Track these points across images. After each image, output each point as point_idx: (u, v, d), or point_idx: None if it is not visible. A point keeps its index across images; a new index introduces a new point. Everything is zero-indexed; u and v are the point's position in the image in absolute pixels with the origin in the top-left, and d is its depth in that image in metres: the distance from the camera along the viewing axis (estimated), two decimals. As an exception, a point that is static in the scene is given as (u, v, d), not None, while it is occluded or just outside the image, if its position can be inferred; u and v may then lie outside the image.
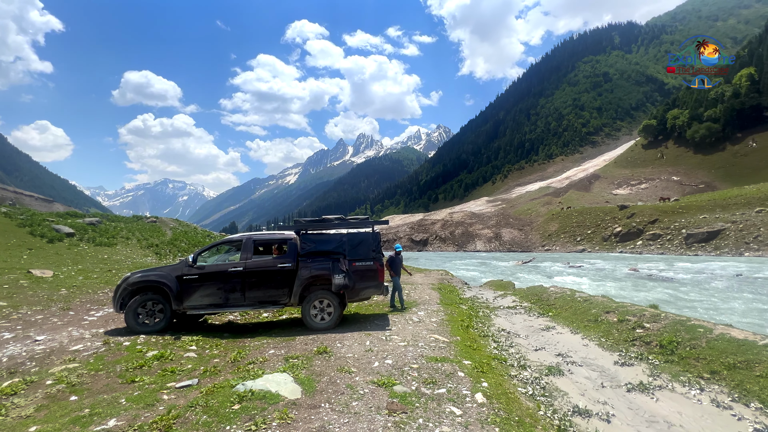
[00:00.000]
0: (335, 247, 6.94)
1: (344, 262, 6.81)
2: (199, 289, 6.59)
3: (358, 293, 6.95)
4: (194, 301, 6.59)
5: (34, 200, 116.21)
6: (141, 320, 6.45)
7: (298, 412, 3.49)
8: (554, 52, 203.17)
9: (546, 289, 12.17)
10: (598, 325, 7.73)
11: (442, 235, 69.22)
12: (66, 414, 3.50)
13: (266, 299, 6.72)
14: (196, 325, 7.53)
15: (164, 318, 6.55)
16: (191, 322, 7.50)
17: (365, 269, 6.92)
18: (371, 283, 6.94)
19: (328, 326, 6.72)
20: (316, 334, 6.35)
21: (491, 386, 4.35)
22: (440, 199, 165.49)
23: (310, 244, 6.94)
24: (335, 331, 6.64)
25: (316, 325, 6.72)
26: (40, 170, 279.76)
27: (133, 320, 6.39)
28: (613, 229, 46.68)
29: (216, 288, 6.61)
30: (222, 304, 6.65)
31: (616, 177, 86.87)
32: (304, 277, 6.71)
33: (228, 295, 6.62)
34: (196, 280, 6.60)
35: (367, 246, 7.04)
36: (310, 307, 6.74)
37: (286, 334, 6.48)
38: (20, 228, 20.78)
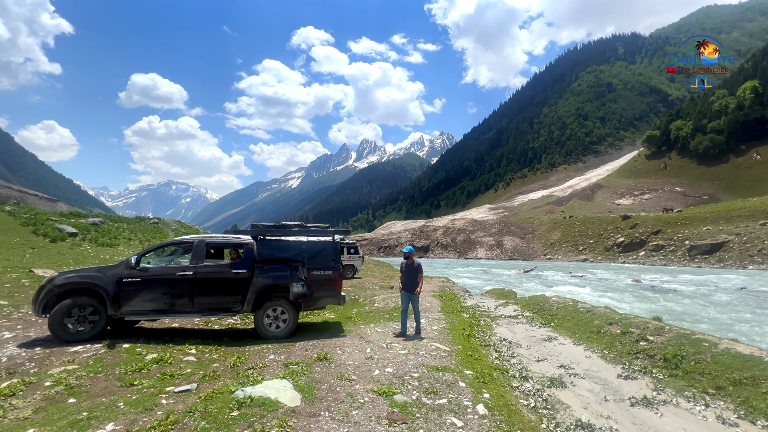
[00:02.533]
0: (294, 255, 6.72)
1: (303, 270, 6.61)
2: (141, 294, 6.08)
3: (316, 302, 6.76)
4: (135, 306, 6.07)
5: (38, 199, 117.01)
6: (68, 327, 5.74)
7: (297, 420, 3.45)
8: (558, 62, 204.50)
9: (548, 299, 12.08)
10: (600, 337, 7.66)
11: (443, 241, 69.07)
12: (64, 417, 3.48)
13: (217, 306, 6.37)
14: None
15: (97, 325, 5.91)
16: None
17: (324, 278, 6.74)
18: (329, 292, 6.79)
19: (282, 335, 6.47)
20: (316, 340, 6.30)
21: (493, 397, 4.29)
22: (442, 205, 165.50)
23: (267, 251, 6.68)
24: (335, 337, 6.58)
25: (269, 334, 6.45)
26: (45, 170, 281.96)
27: (58, 327, 5.67)
28: (615, 239, 46.48)
29: (161, 293, 6.15)
30: (166, 310, 6.20)
31: (619, 187, 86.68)
32: (259, 285, 6.42)
33: (174, 300, 6.19)
34: (139, 284, 6.08)
35: (326, 255, 6.86)
36: (264, 315, 6.48)
37: (286, 340, 6.44)
38: (24, 227, 20.88)
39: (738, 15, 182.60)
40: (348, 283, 15.90)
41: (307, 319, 9.20)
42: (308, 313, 10.12)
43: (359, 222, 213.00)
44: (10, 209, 24.48)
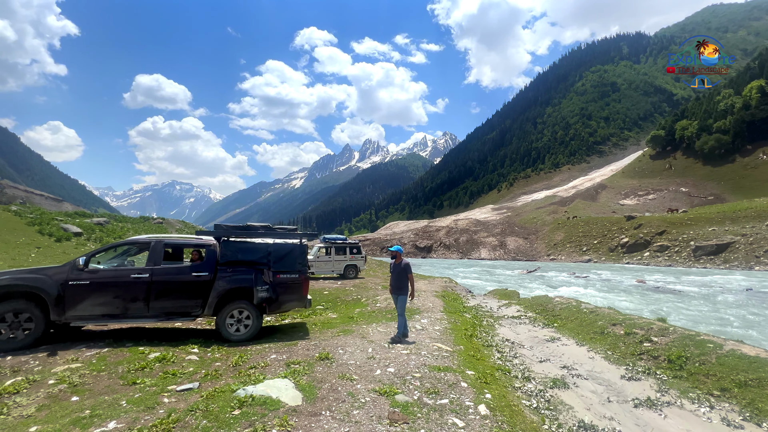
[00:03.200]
0: (259, 258, 6.50)
1: (268, 273, 6.43)
2: (90, 297, 5.65)
3: (281, 306, 6.60)
4: (82, 311, 5.63)
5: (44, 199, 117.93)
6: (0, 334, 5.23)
7: (298, 419, 3.45)
8: (562, 62, 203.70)
9: (551, 300, 12.02)
10: (604, 338, 7.61)
11: (446, 242, 68.96)
12: (67, 415, 3.50)
13: (175, 310, 6.06)
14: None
15: (33, 333, 5.38)
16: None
17: (290, 282, 6.58)
18: (295, 296, 6.64)
19: (245, 338, 6.27)
20: (318, 340, 6.30)
21: (495, 398, 4.27)
22: (445, 205, 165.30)
23: (231, 253, 6.44)
24: (337, 337, 6.58)
25: (231, 337, 6.24)
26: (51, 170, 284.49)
27: None
28: (619, 240, 46.19)
29: (113, 296, 5.76)
30: (119, 315, 5.81)
31: (623, 187, 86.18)
32: (221, 288, 6.18)
33: (128, 304, 5.81)
34: (87, 287, 5.64)
35: (293, 258, 6.67)
36: (227, 318, 6.26)
37: (288, 339, 6.44)
38: (29, 226, 21.06)
39: (744, 14, 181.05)
40: (350, 282, 15.90)
41: (309, 318, 9.21)
42: (310, 312, 10.15)
43: (362, 222, 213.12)
44: (16, 209, 24.70)
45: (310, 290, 13.20)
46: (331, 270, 17.79)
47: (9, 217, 21.91)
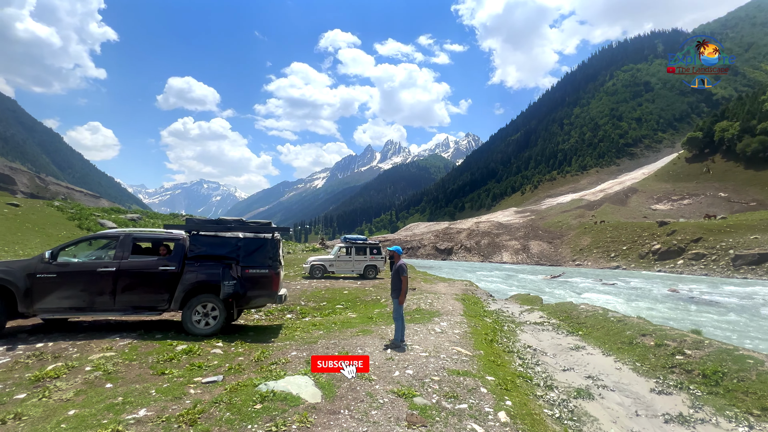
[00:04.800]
0: (228, 252, 6.42)
1: (236, 268, 6.33)
2: (57, 290, 5.70)
3: (249, 301, 6.49)
4: (49, 304, 5.69)
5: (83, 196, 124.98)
6: None
7: (317, 416, 3.50)
8: (591, 61, 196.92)
9: (576, 306, 11.65)
10: (632, 348, 7.30)
11: (467, 244, 68.05)
12: (102, 400, 3.69)
13: (142, 304, 6.06)
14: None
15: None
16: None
17: (259, 277, 6.45)
18: (264, 291, 6.50)
19: (210, 332, 6.15)
20: (337, 339, 6.36)
21: (515, 405, 4.19)
22: (467, 208, 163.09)
23: (200, 247, 6.41)
24: (356, 337, 6.62)
25: (197, 331, 6.12)
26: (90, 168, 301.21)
27: None
28: (651, 246, 44.13)
29: (79, 289, 5.80)
30: (85, 308, 5.85)
31: (655, 191, 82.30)
32: (188, 282, 6.13)
33: (94, 297, 5.84)
34: (54, 279, 5.70)
35: (263, 253, 6.55)
36: (192, 312, 6.16)
37: (309, 337, 6.54)
38: (70, 221, 22.37)
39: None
40: (370, 283, 15.97)
41: (329, 317, 9.32)
42: (329, 311, 10.27)
43: (382, 223, 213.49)
44: (59, 204, 26.29)
45: (330, 290, 13.36)
46: (351, 270, 17.92)
47: (52, 212, 23.34)
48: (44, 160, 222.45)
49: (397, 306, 6.13)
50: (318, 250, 35.48)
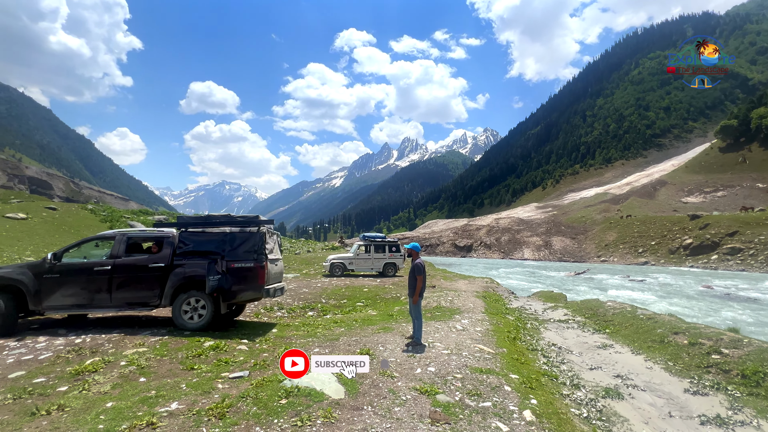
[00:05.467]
0: (215, 247, 6.52)
1: (222, 263, 6.41)
2: (61, 289, 6.13)
3: (235, 295, 6.51)
4: (55, 302, 6.13)
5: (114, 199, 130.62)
6: None
7: (341, 412, 3.54)
8: (615, 49, 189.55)
9: (602, 304, 11.29)
10: (664, 347, 7.02)
11: (487, 241, 67.11)
12: (136, 393, 3.86)
13: (135, 301, 6.33)
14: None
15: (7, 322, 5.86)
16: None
17: (244, 271, 6.47)
18: (250, 285, 6.50)
19: (199, 327, 6.30)
20: (359, 336, 6.41)
21: (541, 404, 4.10)
22: (486, 204, 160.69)
23: (188, 243, 6.56)
24: (377, 334, 6.65)
25: (186, 325, 6.30)
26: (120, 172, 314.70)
27: None
28: (682, 241, 42.24)
29: (80, 288, 6.20)
30: (86, 304, 6.25)
31: (686, 183, 78.61)
32: (177, 278, 6.31)
33: (93, 295, 6.22)
34: (58, 279, 6.14)
35: (248, 246, 6.57)
36: (182, 306, 6.35)
37: (331, 334, 6.62)
38: (102, 223, 23.45)
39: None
40: (389, 280, 16.01)
41: (349, 314, 9.40)
42: (350, 309, 10.36)
43: (400, 220, 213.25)
44: (91, 207, 27.60)
45: (350, 287, 13.46)
46: (370, 267, 18.00)
47: (86, 215, 24.53)
48: (78, 166, 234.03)
49: (413, 304, 6.10)
50: (337, 248, 35.82)
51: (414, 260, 6.17)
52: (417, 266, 6.02)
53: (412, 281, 6.09)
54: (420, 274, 5.98)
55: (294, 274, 17.30)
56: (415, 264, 6.07)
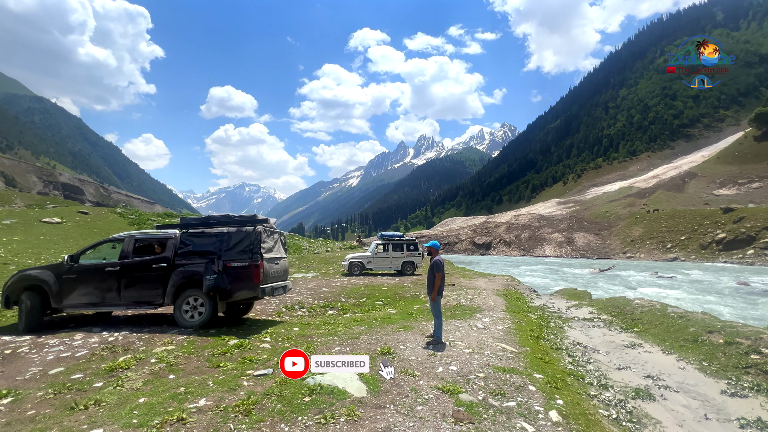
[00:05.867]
0: (212, 247, 6.67)
1: (218, 262, 6.53)
2: (77, 288, 6.56)
3: (232, 294, 6.59)
4: (73, 300, 6.57)
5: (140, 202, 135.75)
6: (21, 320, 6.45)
7: (364, 410, 3.56)
8: (638, 37, 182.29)
9: (630, 301, 10.91)
10: (697, 346, 6.71)
11: (506, 238, 66.01)
12: (166, 390, 4.00)
13: (141, 299, 6.60)
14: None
15: (31, 319, 6.38)
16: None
17: (240, 270, 6.55)
18: (246, 284, 6.57)
19: (197, 324, 6.48)
20: (379, 335, 6.43)
21: (567, 404, 4.00)
22: (504, 200, 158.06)
23: (188, 244, 6.76)
24: (397, 333, 6.64)
25: (186, 323, 6.51)
26: (145, 177, 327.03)
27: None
28: (714, 235, 40.34)
29: (93, 287, 6.58)
30: (99, 302, 6.60)
31: (718, 175, 74.95)
32: (177, 278, 6.53)
33: (105, 294, 6.57)
34: (75, 279, 6.56)
35: (244, 246, 6.65)
36: (183, 305, 6.55)
37: (351, 333, 6.66)
38: (130, 226, 24.40)
39: None
40: (408, 279, 15.97)
41: (369, 313, 9.44)
42: (369, 308, 10.39)
43: (417, 219, 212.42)
44: (120, 211, 28.78)
45: (369, 286, 13.51)
46: (388, 266, 18.02)
47: (116, 218, 25.59)
48: (107, 171, 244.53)
49: (432, 303, 6.07)
50: (355, 247, 36.01)
51: (433, 258, 6.15)
52: (436, 263, 6.01)
53: (431, 279, 6.08)
54: (439, 271, 5.97)
55: (313, 274, 17.51)
56: (434, 261, 6.06)
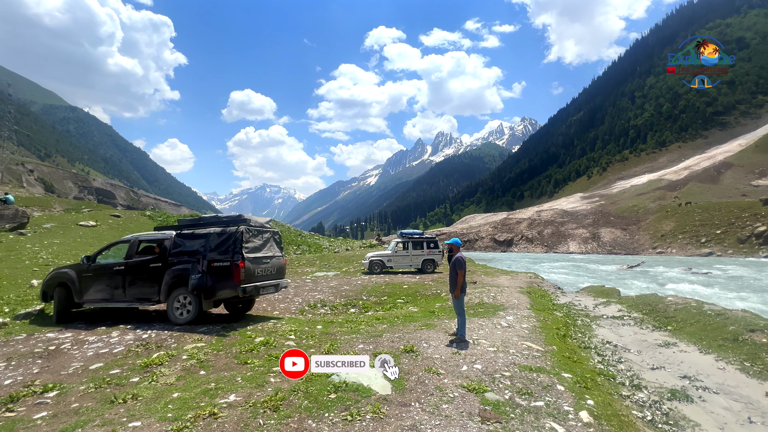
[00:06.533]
0: (199, 247, 6.87)
1: (203, 262, 6.71)
2: (93, 285, 7.18)
3: (215, 293, 6.70)
4: (90, 296, 7.21)
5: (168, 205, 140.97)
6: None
7: (389, 408, 3.57)
8: (666, 22, 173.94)
9: (662, 299, 10.46)
10: (738, 346, 6.36)
11: (528, 235, 64.59)
12: (198, 385, 4.14)
13: (142, 296, 7.02)
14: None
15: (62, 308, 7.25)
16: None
17: (222, 269, 6.68)
18: (227, 283, 6.67)
19: (185, 321, 6.73)
20: (401, 333, 6.42)
21: (598, 405, 3.88)
22: (526, 196, 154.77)
23: (179, 245, 7.03)
24: (420, 330, 6.62)
25: (176, 320, 6.79)
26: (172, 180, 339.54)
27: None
28: (753, 229, 38.11)
29: (105, 284, 7.14)
30: (110, 299, 7.14)
31: (757, 164, 70.73)
32: (169, 277, 6.82)
33: (114, 291, 7.09)
34: (91, 277, 7.20)
35: (227, 245, 6.77)
36: (174, 302, 6.84)
37: (374, 331, 6.69)
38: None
39: None
40: (429, 277, 15.89)
41: (391, 311, 9.45)
42: (390, 306, 10.40)
43: (436, 216, 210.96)
44: (149, 214, 29.98)
45: (390, 284, 13.53)
46: (408, 264, 17.98)
47: (145, 221, 26.67)
48: (136, 176, 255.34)
49: (455, 300, 6.01)
50: (375, 246, 36.14)
51: (455, 255, 6.08)
52: (458, 260, 5.95)
53: (453, 276, 6.02)
54: (461, 268, 5.90)
55: (334, 272, 17.69)
56: (455, 258, 6.00)
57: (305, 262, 22.64)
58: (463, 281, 5.96)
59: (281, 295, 11.44)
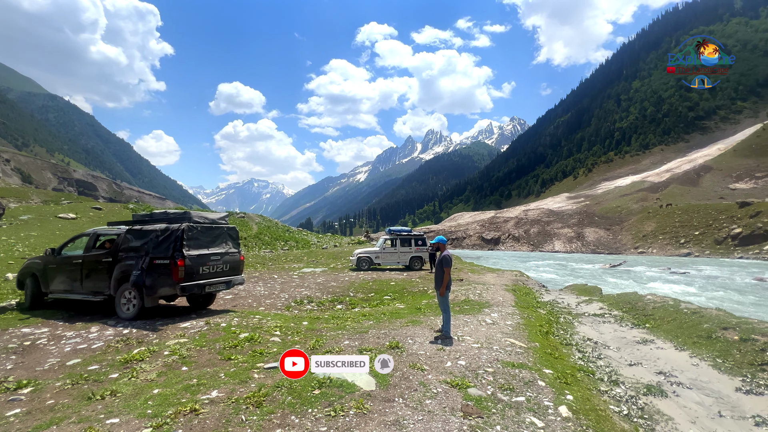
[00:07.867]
0: (143, 243, 6.84)
1: (145, 258, 6.66)
2: (57, 277, 7.44)
3: (155, 290, 6.66)
4: (54, 287, 7.50)
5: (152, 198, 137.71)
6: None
7: (373, 403, 3.58)
8: (652, 27, 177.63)
9: (641, 297, 10.76)
10: (711, 343, 6.60)
11: (515, 233, 65.51)
12: (179, 381, 4.08)
13: (96, 290, 7.11)
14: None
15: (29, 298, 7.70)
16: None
17: (162, 267, 6.64)
18: (166, 281, 6.64)
19: (130, 317, 6.75)
20: (387, 329, 6.45)
21: (577, 400, 3.98)
22: (513, 195, 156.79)
23: (129, 240, 7.01)
24: (405, 327, 6.66)
25: (122, 314, 6.85)
26: (156, 173, 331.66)
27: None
28: (729, 230, 39.47)
29: (66, 276, 7.35)
30: (70, 290, 7.34)
31: (734, 168, 73.12)
32: (117, 272, 6.87)
33: (73, 283, 7.28)
34: (56, 268, 7.45)
35: (169, 243, 6.69)
36: (121, 297, 6.89)
37: (360, 327, 6.70)
38: (142, 221, 24.81)
39: None
40: (416, 274, 15.98)
41: (377, 308, 9.48)
42: (378, 302, 10.43)
43: (425, 214, 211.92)
44: (133, 207, 29.28)
45: (377, 281, 13.56)
46: (396, 261, 18.05)
47: (128, 214, 26.05)
48: (119, 168, 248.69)
49: (440, 297, 6.05)
50: (363, 242, 36.11)
51: (441, 253, 6.12)
52: (444, 258, 5.99)
53: (439, 274, 6.05)
54: (447, 266, 5.94)
55: (322, 268, 17.63)
56: (442, 256, 6.03)
57: (293, 258, 22.48)
58: (449, 279, 6.02)
59: (267, 291, 11.35)
